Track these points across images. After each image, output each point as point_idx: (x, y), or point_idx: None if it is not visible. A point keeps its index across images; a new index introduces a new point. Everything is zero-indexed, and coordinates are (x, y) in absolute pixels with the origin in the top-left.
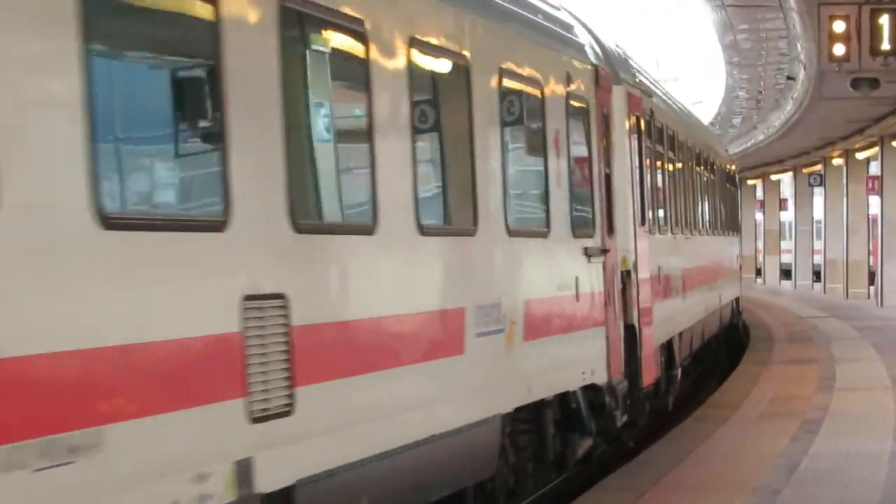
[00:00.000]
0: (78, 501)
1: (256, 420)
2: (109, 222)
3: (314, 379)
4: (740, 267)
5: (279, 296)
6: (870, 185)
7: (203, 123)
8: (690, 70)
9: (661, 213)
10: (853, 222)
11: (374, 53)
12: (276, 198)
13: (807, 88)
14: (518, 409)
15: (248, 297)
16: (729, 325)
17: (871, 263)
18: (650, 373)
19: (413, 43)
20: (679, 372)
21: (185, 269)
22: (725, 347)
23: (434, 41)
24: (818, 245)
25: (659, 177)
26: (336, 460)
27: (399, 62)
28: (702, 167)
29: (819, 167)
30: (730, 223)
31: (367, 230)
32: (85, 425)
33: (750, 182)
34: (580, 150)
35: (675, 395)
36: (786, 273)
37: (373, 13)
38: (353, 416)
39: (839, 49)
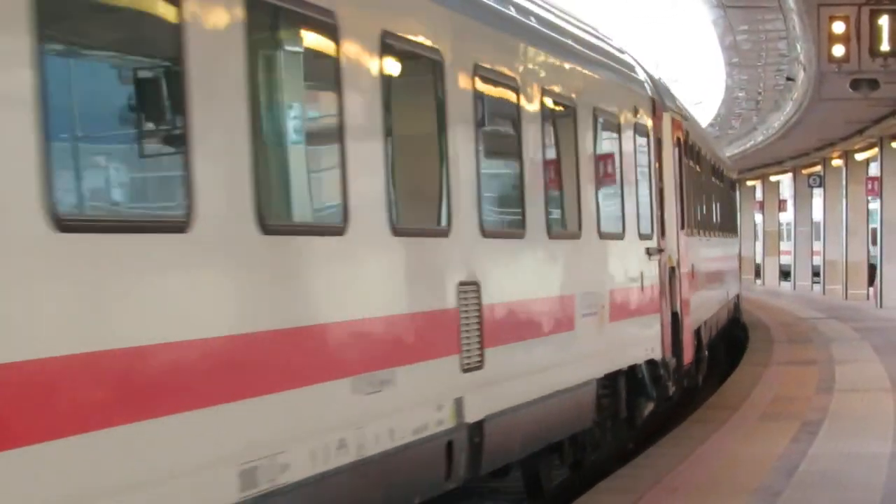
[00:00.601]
0: (382, 417)
1: (465, 370)
2: (397, 230)
3: (494, 343)
4: (739, 266)
5: (475, 283)
6: (869, 186)
7: (437, 165)
8: (690, 71)
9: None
10: (852, 223)
11: (522, 102)
12: (474, 212)
13: (806, 89)
14: (604, 376)
15: (461, 284)
16: (733, 317)
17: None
18: (688, 353)
19: (546, 93)
20: (706, 354)
21: (434, 263)
22: (725, 346)
23: (555, 89)
24: (817, 246)
25: (690, 186)
26: (506, 403)
27: (535, 107)
28: (714, 176)
29: (818, 168)
30: (733, 225)
31: (520, 235)
32: (386, 366)
33: (749, 183)
34: (643, 167)
35: (703, 373)
36: (785, 274)
37: (521, 73)
38: (516, 372)
39: (839, 50)
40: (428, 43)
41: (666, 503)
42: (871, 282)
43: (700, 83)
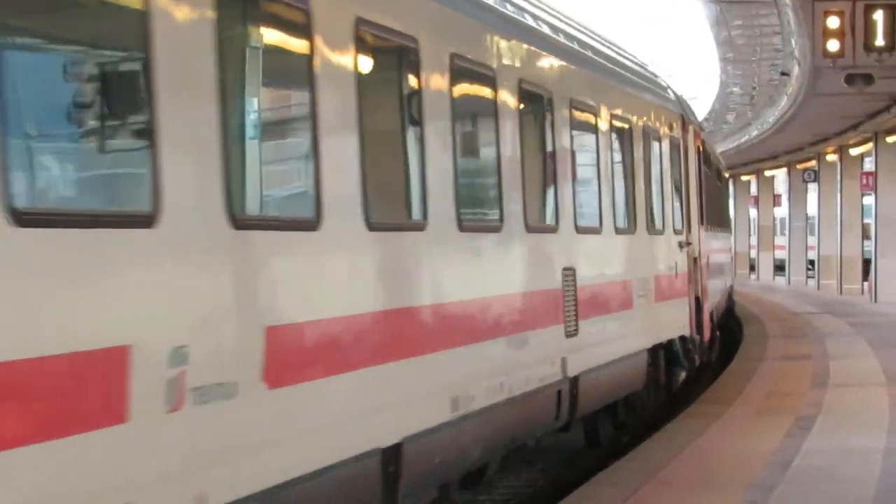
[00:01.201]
0: (521, 367)
1: (567, 336)
2: (529, 228)
3: (585, 316)
4: (733, 258)
5: (573, 268)
6: (864, 181)
7: (555, 182)
8: (685, 66)
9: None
10: (847, 218)
11: (600, 127)
12: (570, 213)
13: (801, 84)
14: (651, 348)
15: (564, 269)
16: (729, 304)
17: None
18: (707, 332)
19: (613, 117)
20: (717, 334)
21: (548, 253)
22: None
23: (620, 113)
24: (812, 241)
25: (704, 186)
26: (592, 364)
27: (607, 130)
28: (717, 176)
29: (813, 163)
30: (728, 220)
31: (598, 231)
32: (524, 330)
33: (744, 178)
34: (676, 174)
35: (716, 352)
36: (779, 269)
37: (598, 104)
38: (597, 340)
39: (833, 45)
40: (542, 84)
41: (660, 497)
42: (865, 276)
43: (695, 78)
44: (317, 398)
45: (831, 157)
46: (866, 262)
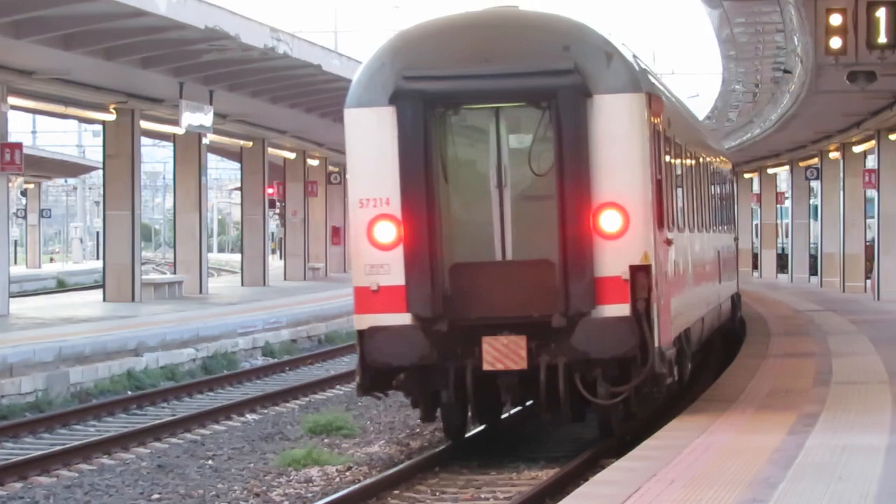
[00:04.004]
0: (713, 293)
1: (720, 282)
2: (714, 230)
3: (722, 273)
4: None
5: (718, 250)
6: (867, 178)
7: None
8: (687, 63)
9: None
10: (850, 216)
11: (712, 172)
12: (715, 221)
13: (803, 82)
14: (731, 296)
15: (716, 249)
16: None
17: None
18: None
19: (722, 171)
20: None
21: (716, 241)
22: (721, 338)
23: (715, 163)
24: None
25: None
26: (724, 296)
27: (713, 175)
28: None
29: (816, 161)
30: None
31: (720, 230)
32: (713, 278)
33: (746, 176)
34: (732, 195)
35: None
36: (782, 266)
37: (708, 160)
38: (724, 285)
39: (836, 42)
40: (707, 158)
41: (663, 495)
42: (867, 274)
43: (697, 76)
44: (692, 294)
45: (834, 155)
46: (868, 260)
